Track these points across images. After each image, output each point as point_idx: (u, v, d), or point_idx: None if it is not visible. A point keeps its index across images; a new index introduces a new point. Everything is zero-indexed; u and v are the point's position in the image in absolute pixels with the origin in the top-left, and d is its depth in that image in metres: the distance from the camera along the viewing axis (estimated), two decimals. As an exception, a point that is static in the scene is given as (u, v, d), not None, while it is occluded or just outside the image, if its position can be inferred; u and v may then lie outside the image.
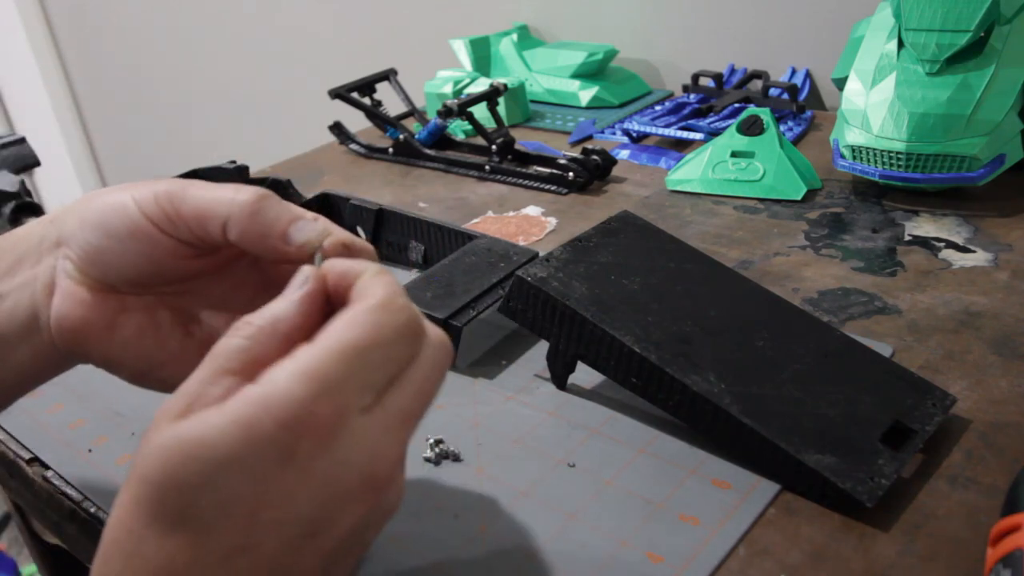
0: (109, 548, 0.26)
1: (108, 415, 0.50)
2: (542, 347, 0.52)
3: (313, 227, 0.32)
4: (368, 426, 0.26)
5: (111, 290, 0.36)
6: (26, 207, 0.71)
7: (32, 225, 0.37)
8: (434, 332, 0.29)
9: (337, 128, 0.95)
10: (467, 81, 0.98)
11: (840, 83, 0.75)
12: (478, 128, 0.82)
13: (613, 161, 0.78)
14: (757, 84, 0.97)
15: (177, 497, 0.24)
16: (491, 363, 0.52)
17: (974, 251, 0.60)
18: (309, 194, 0.68)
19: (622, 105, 1.01)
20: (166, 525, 0.25)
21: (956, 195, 0.69)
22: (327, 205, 0.67)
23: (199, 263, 0.36)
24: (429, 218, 0.62)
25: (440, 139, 0.88)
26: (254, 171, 0.71)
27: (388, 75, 0.96)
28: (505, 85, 0.85)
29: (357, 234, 0.67)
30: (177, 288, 0.37)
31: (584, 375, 0.48)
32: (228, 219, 0.32)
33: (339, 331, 0.26)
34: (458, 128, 0.94)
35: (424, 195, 0.79)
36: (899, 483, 0.40)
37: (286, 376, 0.25)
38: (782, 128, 0.85)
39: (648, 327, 0.44)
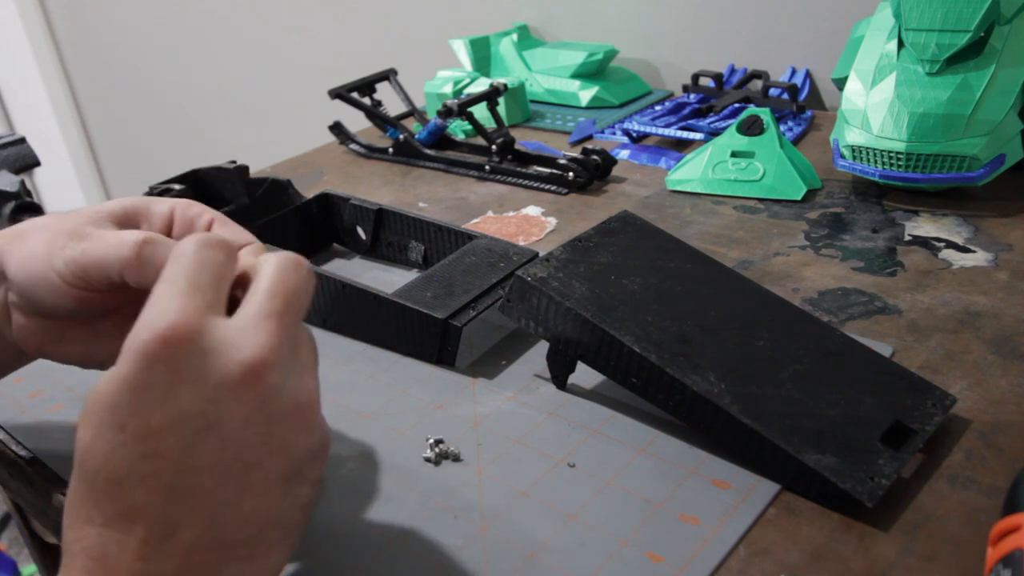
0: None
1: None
2: (542, 347, 0.52)
3: None
4: (227, 323, 0.30)
5: (53, 317, 0.39)
6: (26, 207, 0.71)
7: None
8: (281, 253, 0.33)
9: (337, 128, 0.95)
10: (467, 81, 0.98)
11: (840, 83, 0.75)
12: (478, 128, 0.82)
13: (613, 161, 0.78)
14: (757, 84, 0.97)
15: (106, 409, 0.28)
16: (491, 363, 0.52)
17: (974, 251, 0.60)
18: (309, 194, 0.68)
19: (622, 105, 1.01)
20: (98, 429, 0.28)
21: (956, 195, 0.69)
22: (327, 205, 0.67)
23: (120, 295, 0.38)
24: (429, 218, 0.62)
25: (440, 139, 0.88)
26: (254, 171, 0.71)
27: (388, 75, 0.96)
28: (505, 85, 0.85)
29: (357, 234, 0.67)
30: (110, 308, 0.40)
31: (584, 375, 0.48)
32: (121, 269, 0.36)
33: (166, 268, 0.31)
34: (458, 128, 0.94)
35: (424, 195, 0.79)
36: (899, 483, 0.40)
37: (142, 318, 0.29)
38: (782, 128, 0.85)
39: (648, 327, 0.44)
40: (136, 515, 0.28)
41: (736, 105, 0.91)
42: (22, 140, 0.78)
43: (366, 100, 0.93)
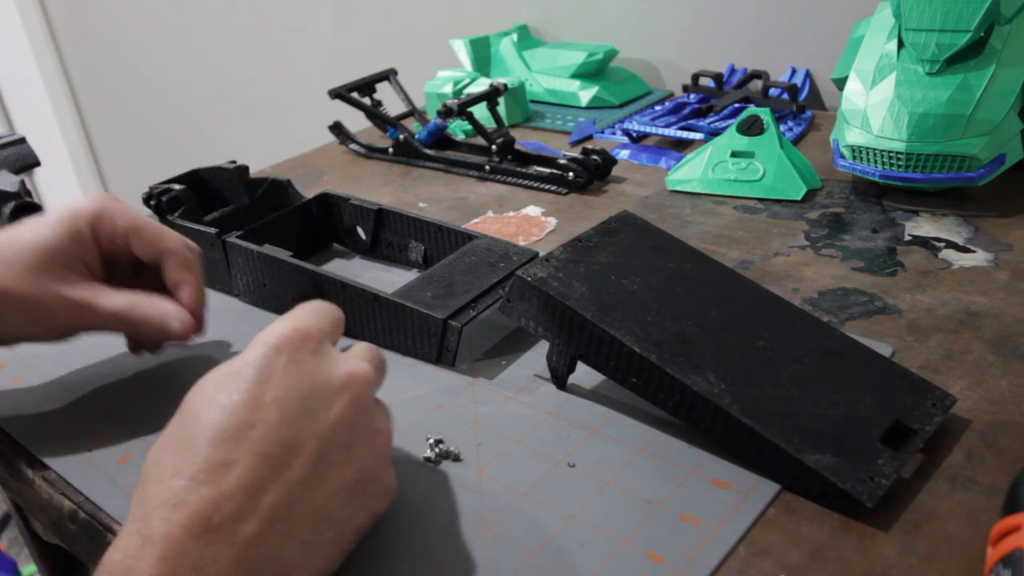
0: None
1: (108, 415, 0.50)
2: (542, 347, 0.52)
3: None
4: (336, 351, 0.36)
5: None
6: (26, 207, 0.71)
7: None
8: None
9: (337, 128, 0.95)
10: (467, 81, 0.98)
11: (840, 83, 0.75)
12: (478, 128, 0.82)
13: (613, 161, 0.78)
14: (757, 84, 0.97)
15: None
16: (491, 363, 0.52)
17: (974, 251, 0.60)
18: (309, 194, 0.68)
19: (622, 105, 1.01)
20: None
21: (956, 195, 0.69)
22: (327, 205, 0.67)
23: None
24: (429, 218, 0.62)
25: (440, 139, 0.88)
26: (254, 171, 0.71)
27: (388, 75, 0.96)
28: (505, 85, 0.85)
29: (357, 234, 0.67)
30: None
31: (584, 375, 0.48)
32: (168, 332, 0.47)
33: (311, 303, 0.38)
34: (458, 128, 0.94)
35: (424, 195, 0.79)
36: (899, 483, 0.40)
37: (278, 322, 0.36)
38: (782, 128, 0.85)
39: (648, 327, 0.44)
40: (227, 469, 0.31)
41: (736, 105, 0.91)
42: (22, 140, 0.78)
43: (366, 100, 0.93)
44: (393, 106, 0.96)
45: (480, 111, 0.89)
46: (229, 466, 0.31)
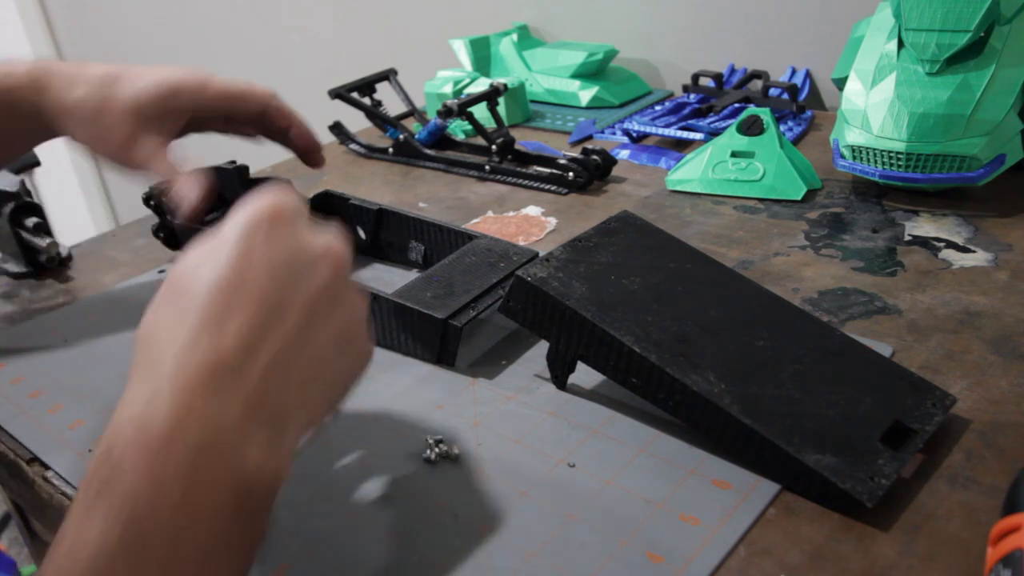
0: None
1: (108, 415, 0.50)
2: (542, 347, 0.52)
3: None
4: (312, 228, 0.37)
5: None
6: (26, 207, 0.71)
7: None
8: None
9: (337, 128, 0.95)
10: (467, 81, 0.98)
11: (840, 83, 0.75)
12: (478, 128, 0.82)
13: (613, 161, 0.78)
14: (757, 84, 0.97)
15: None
16: (491, 363, 0.52)
17: (974, 251, 0.60)
18: (309, 194, 0.68)
19: (622, 105, 1.01)
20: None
21: (956, 195, 0.69)
22: (327, 205, 0.67)
23: None
24: (429, 218, 0.62)
25: (440, 139, 0.88)
26: (254, 171, 0.71)
27: (388, 75, 0.96)
28: (505, 85, 0.85)
29: (357, 234, 0.67)
30: None
31: (584, 375, 0.48)
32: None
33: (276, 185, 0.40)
34: (458, 128, 0.94)
35: (424, 195, 0.79)
36: (899, 483, 0.40)
37: (255, 198, 0.37)
38: (782, 128, 0.85)
39: (648, 327, 0.44)
40: (227, 320, 0.32)
41: (736, 105, 0.91)
42: (22, 140, 0.78)
43: (366, 100, 0.93)
44: (393, 106, 0.96)
45: (480, 111, 0.89)
46: (228, 318, 0.32)
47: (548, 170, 0.78)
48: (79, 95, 0.56)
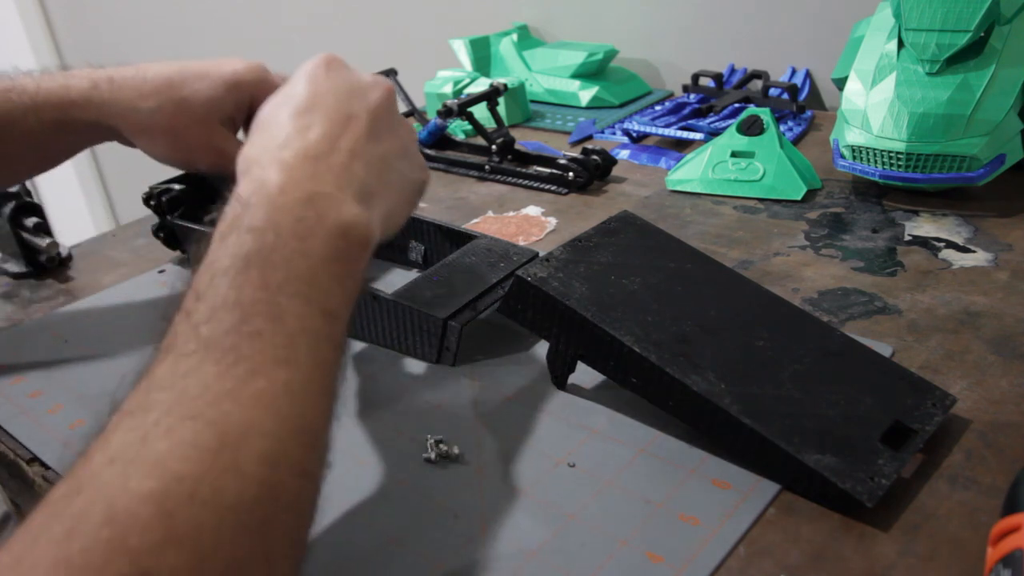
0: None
1: (108, 415, 0.50)
2: (542, 347, 0.52)
3: None
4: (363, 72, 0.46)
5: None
6: (26, 207, 0.71)
7: None
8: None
9: (337, 128, 0.95)
10: (467, 81, 0.98)
11: (840, 83, 0.75)
12: (478, 128, 0.82)
13: (613, 161, 0.78)
14: (757, 84, 0.97)
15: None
16: (491, 363, 0.52)
17: (974, 251, 0.60)
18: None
19: (622, 105, 1.01)
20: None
21: (956, 195, 0.69)
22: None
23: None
24: (429, 218, 0.62)
25: (440, 139, 0.88)
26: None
27: (388, 75, 0.96)
28: (505, 85, 0.85)
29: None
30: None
31: (584, 375, 0.48)
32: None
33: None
34: (458, 128, 0.94)
35: (424, 195, 0.79)
36: (899, 483, 0.40)
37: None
38: (782, 128, 0.85)
39: (648, 327, 0.44)
40: (313, 122, 0.41)
41: (736, 105, 0.91)
42: (22, 140, 0.78)
43: (366, 100, 0.92)
44: (393, 106, 0.96)
45: (480, 111, 0.89)
46: (310, 127, 0.40)
47: (548, 170, 0.78)
48: (149, 108, 0.55)
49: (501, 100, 0.88)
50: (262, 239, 0.35)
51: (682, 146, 0.86)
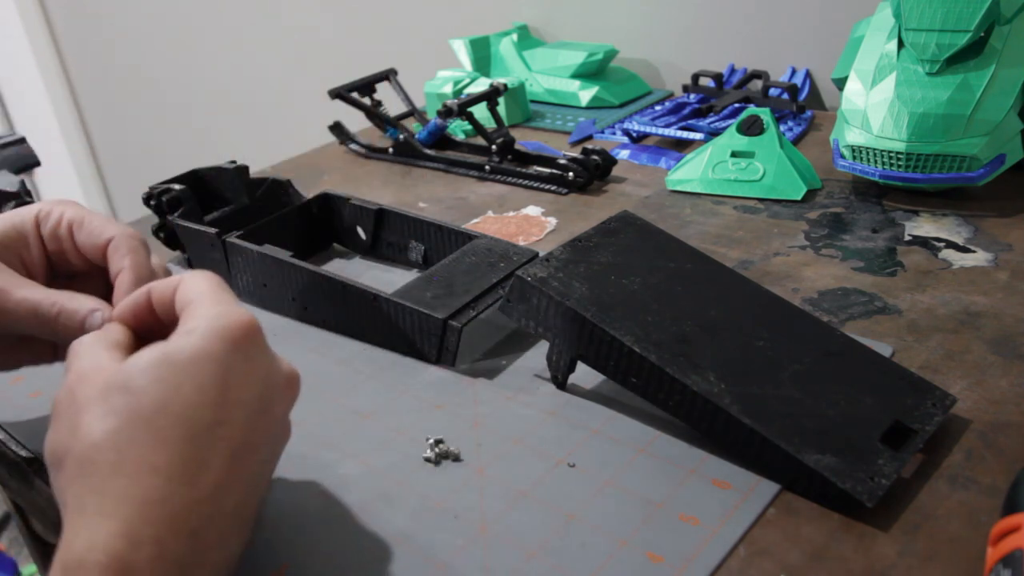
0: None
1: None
2: (542, 347, 0.52)
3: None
4: (274, 352, 0.36)
5: None
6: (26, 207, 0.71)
7: None
8: None
9: (337, 128, 0.95)
10: (467, 81, 0.98)
11: (840, 83, 0.75)
12: (478, 128, 0.82)
13: (613, 161, 0.78)
14: (757, 84, 0.97)
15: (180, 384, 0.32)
16: (491, 363, 0.52)
17: (974, 251, 0.60)
18: (309, 194, 0.68)
19: (622, 105, 1.01)
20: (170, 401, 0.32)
21: (956, 195, 0.69)
22: (327, 205, 0.67)
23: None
24: (429, 218, 0.62)
25: (440, 139, 0.88)
26: (254, 171, 0.71)
27: (388, 75, 0.96)
28: (505, 85, 0.85)
29: (357, 234, 0.67)
30: None
31: (584, 375, 0.48)
32: (38, 332, 0.41)
33: (207, 282, 0.37)
34: (458, 128, 0.94)
35: (424, 195, 0.79)
36: (899, 483, 0.40)
37: (215, 311, 0.34)
38: (782, 128, 0.85)
39: (648, 327, 0.44)
40: (203, 470, 0.31)
41: (736, 105, 0.91)
42: (22, 140, 0.78)
43: (366, 100, 0.93)
44: (393, 106, 0.96)
45: (480, 111, 0.89)
46: (203, 467, 0.31)
47: (548, 170, 0.78)
48: None
49: (501, 100, 0.88)
50: None
51: (682, 146, 0.86)
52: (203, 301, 0.35)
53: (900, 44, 0.68)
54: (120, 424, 0.31)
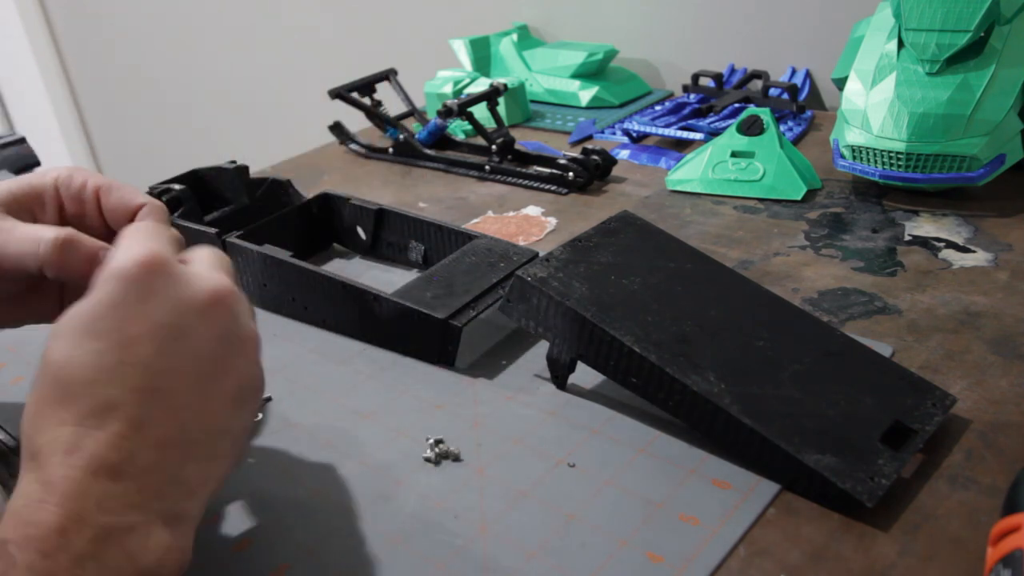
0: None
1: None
2: (542, 347, 0.52)
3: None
4: (190, 268, 0.35)
5: None
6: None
7: None
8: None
9: (337, 128, 0.95)
10: (467, 81, 0.98)
11: (840, 83, 0.75)
12: (478, 128, 0.82)
13: (613, 161, 0.78)
14: (757, 84, 0.97)
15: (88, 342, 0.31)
16: (491, 363, 0.52)
17: (974, 251, 0.60)
18: (309, 194, 0.68)
19: (622, 105, 1.01)
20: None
21: (956, 195, 0.69)
22: (327, 205, 0.67)
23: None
24: (429, 218, 0.62)
25: (440, 139, 0.88)
26: (254, 171, 0.71)
27: (388, 75, 0.96)
28: (505, 85, 0.85)
29: (357, 234, 0.67)
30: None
31: (584, 375, 0.48)
32: (41, 263, 0.39)
33: (138, 223, 0.37)
34: (458, 128, 0.94)
35: (424, 195, 0.79)
36: (899, 483, 0.40)
37: (116, 253, 0.33)
38: (782, 128, 0.85)
39: (648, 327, 0.44)
40: (111, 411, 0.31)
41: (736, 105, 0.91)
42: (22, 140, 0.78)
43: (366, 100, 0.93)
44: (393, 106, 0.96)
45: (480, 111, 0.89)
46: (113, 407, 0.31)
47: (548, 170, 0.78)
48: None
49: (501, 100, 0.88)
50: None
51: (682, 146, 0.86)
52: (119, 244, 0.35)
53: (900, 44, 0.68)
54: (37, 395, 0.32)
